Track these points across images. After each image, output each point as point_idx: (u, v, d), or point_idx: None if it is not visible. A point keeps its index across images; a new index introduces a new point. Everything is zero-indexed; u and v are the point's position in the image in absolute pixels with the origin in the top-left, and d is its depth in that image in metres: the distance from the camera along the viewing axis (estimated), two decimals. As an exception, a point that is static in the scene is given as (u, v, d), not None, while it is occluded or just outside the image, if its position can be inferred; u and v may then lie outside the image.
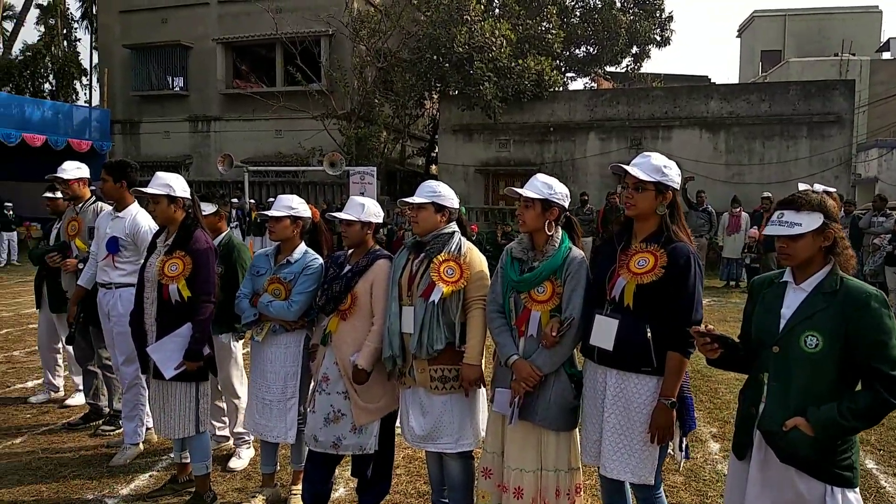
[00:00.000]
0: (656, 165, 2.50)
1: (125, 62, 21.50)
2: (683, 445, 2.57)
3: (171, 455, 4.03)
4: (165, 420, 3.37)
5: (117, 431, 4.48)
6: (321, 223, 3.69)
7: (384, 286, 3.10)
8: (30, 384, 5.75)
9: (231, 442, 4.22)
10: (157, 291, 3.32)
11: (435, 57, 16.55)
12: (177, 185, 3.39)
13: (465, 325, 2.95)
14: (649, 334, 2.45)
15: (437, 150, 20.63)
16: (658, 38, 20.29)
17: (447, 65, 16.24)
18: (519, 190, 2.79)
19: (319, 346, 3.26)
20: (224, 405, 4.21)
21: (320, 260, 3.46)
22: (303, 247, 3.47)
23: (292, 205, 3.43)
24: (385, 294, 3.08)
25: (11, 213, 16.10)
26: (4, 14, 27.83)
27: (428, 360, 2.92)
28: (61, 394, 5.34)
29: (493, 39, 15.90)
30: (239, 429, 4.05)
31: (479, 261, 3.02)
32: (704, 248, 12.08)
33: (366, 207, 3.20)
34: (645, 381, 2.49)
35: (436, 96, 19.64)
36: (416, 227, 3.04)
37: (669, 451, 2.55)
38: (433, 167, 21.65)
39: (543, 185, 2.77)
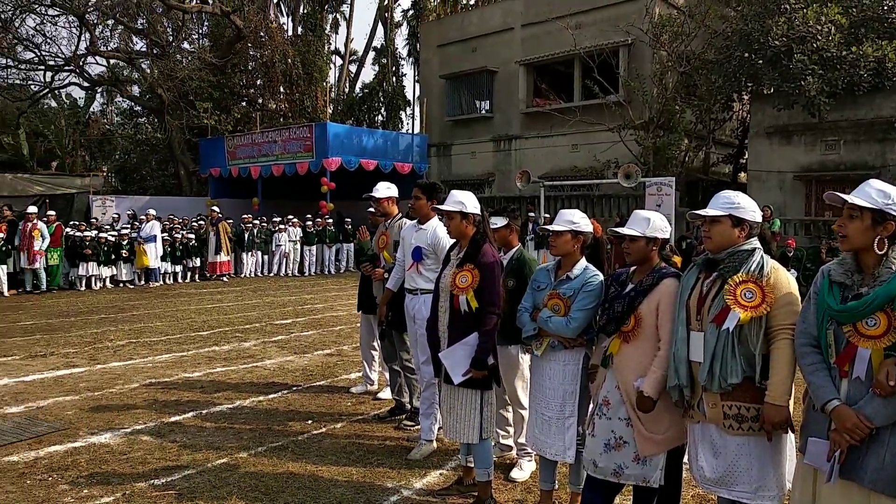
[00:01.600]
0: None
1: (441, 91, 23.91)
2: None
3: (459, 456, 4.24)
4: (452, 423, 3.55)
5: (416, 427, 4.90)
6: (603, 238, 3.55)
7: (671, 307, 2.83)
8: (352, 376, 6.63)
9: (514, 452, 4.30)
10: (449, 301, 3.53)
11: (746, 54, 15.08)
12: (469, 202, 3.57)
13: (768, 358, 2.54)
14: None
15: (746, 157, 18.78)
16: None
17: (760, 61, 14.66)
18: (844, 196, 2.30)
19: (599, 368, 3.11)
20: (509, 415, 4.31)
21: (601, 276, 3.31)
22: (583, 262, 3.37)
23: (573, 219, 3.36)
24: (672, 316, 2.81)
25: (350, 226, 19.03)
26: (350, 59, 33.11)
27: (720, 393, 2.58)
28: (375, 387, 6.05)
29: (819, 27, 13.89)
30: (522, 440, 4.10)
31: (786, 282, 2.57)
32: None
33: (651, 222, 2.97)
34: None
35: (746, 97, 17.91)
36: (709, 242, 2.71)
37: None
38: (741, 175, 19.76)
39: (878, 193, 2.24)
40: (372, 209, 5.76)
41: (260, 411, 5.43)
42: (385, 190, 4.98)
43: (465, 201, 3.55)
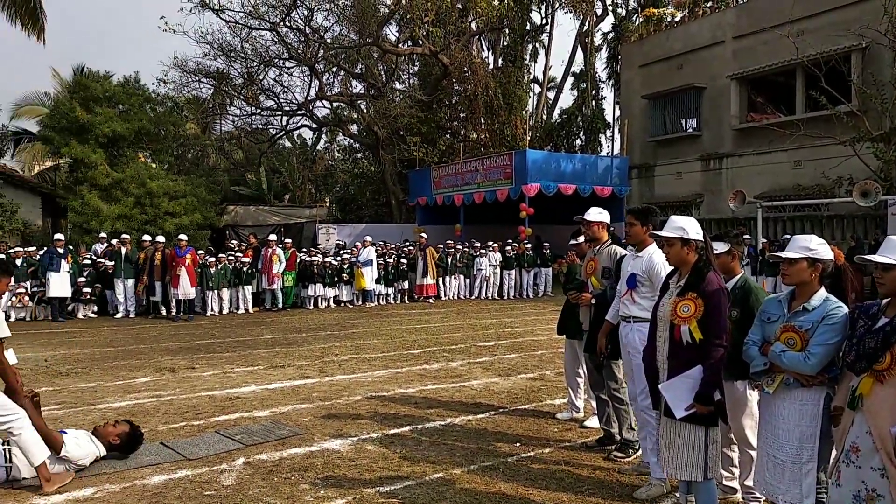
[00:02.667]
0: None
1: (643, 111, 23.22)
2: None
3: (677, 495, 4.04)
4: (671, 459, 3.40)
5: (627, 459, 4.76)
6: (846, 266, 3.20)
7: (939, 346, 2.47)
8: (557, 401, 6.62)
9: (739, 495, 3.99)
10: (669, 331, 3.40)
11: None
12: (690, 227, 3.44)
13: None
14: None
15: None
16: None
17: None
18: None
19: (846, 410, 2.80)
20: (734, 454, 4.02)
21: (845, 309, 2.99)
22: (822, 293, 3.06)
23: (810, 245, 3.08)
24: (941, 357, 2.45)
25: (549, 251, 19.09)
26: (549, 86, 33.44)
27: None
28: (581, 414, 5.98)
29: None
30: (749, 482, 3.80)
31: None
32: None
33: (911, 248, 2.63)
34: None
35: None
36: None
37: None
38: None
39: None
40: (573, 241, 5.75)
41: (470, 430, 5.63)
42: (597, 214, 4.96)
43: (685, 227, 3.42)
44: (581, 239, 5.59)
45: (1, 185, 18.63)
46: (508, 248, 18.75)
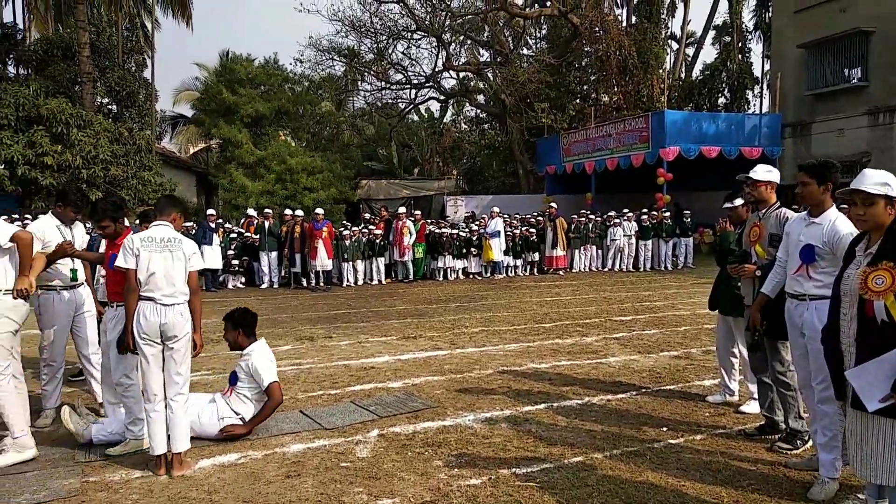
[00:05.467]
0: None
1: (797, 62, 20.98)
2: None
3: (861, 496, 3.48)
4: (863, 458, 2.88)
5: (795, 452, 4.20)
6: None
7: None
8: (707, 383, 6.06)
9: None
10: (858, 308, 2.86)
11: None
12: (894, 183, 2.85)
13: None
14: None
15: None
16: None
17: None
18: None
19: None
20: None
21: None
22: None
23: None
24: None
25: (689, 219, 17.88)
26: (688, 42, 31.18)
27: None
28: (736, 398, 5.41)
29: None
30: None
31: None
32: None
33: None
34: None
35: None
36: None
37: None
38: None
39: None
40: (729, 203, 5.13)
41: (609, 410, 5.27)
42: (765, 173, 4.34)
43: (890, 182, 2.84)
44: (738, 202, 4.98)
45: (161, 166, 20.31)
46: (644, 216, 17.75)
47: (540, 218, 17.99)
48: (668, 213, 18.11)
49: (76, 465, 4.22)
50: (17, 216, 13.74)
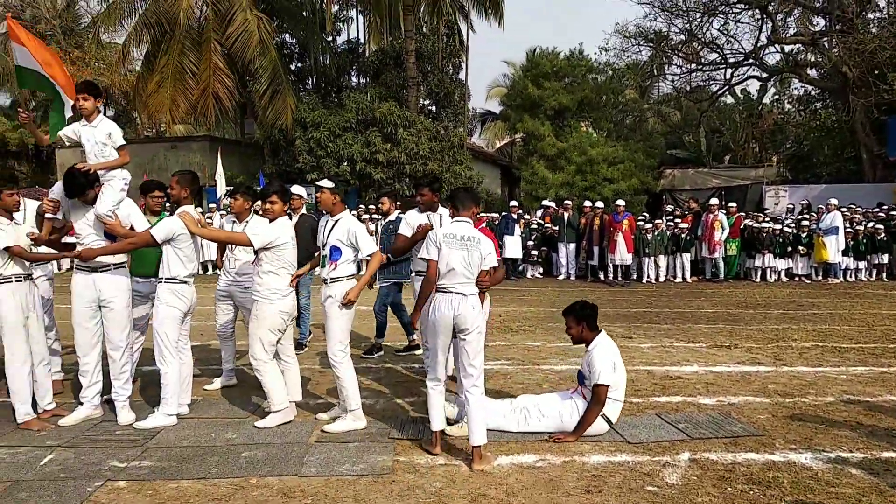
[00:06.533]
0: None
1: None
2: None
3: None
4: None
5: None
6: None
7: None
8: None
9: None
10: None
11: None
12: None
13: None
14: None
15: None
16: None
17: None
18: None
19: None
20: None
21: None
22: None
23: None
24: None
25: None
26: None
27: None
28: None
29: None
30: None
31: None
32: None
33: None
34: None
35: None
36: None
37: None
38: None
39: None
40: None
41: None
42: None
43: None
44: None
45: (471, 160, 21.68)
46: None
47: (893, 212, 14.83)
48: None
49: (390, 442, 4.47)
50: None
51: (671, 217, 15.20)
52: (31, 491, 3.71)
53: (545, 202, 17.87)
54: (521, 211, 16.33)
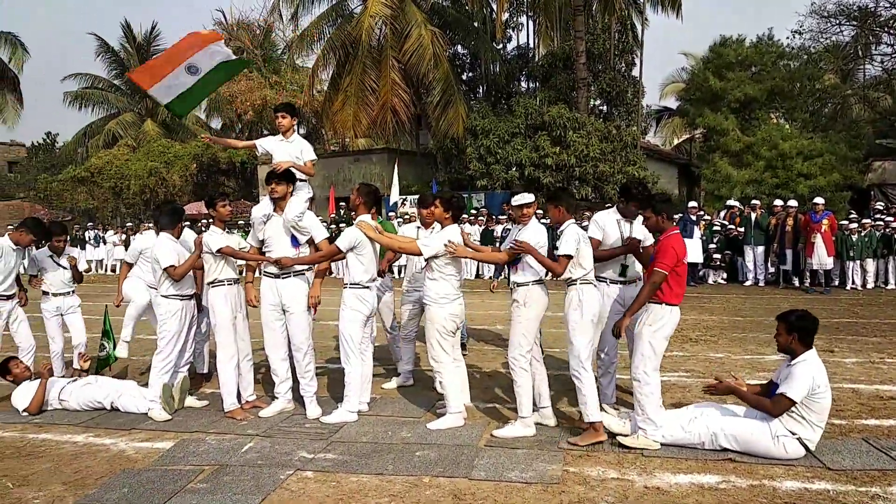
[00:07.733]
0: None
1: None
2: None
3: None
4: None
5: None
6: None
7: None
8: None
9: None
10: None
11: None
12: None
13: None
14: None
15: None
16: None
17: None
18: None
19: None
20: None
21: None
22: None
23: None
24: None
25: None
26: None
27: None
28: None
29: None
30: None
31: None
32: None
33: None
34: None
35: None
36: None
37: None
38: None
39: None
40: None
41: None
42: None
43: None
44: None
45: (644, 160, 20.76)
46: None
47: None
48: None
49: (559, 451, 4.41)
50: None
51: (881, 215, 13.40)
52: (233, 475, 4.15)
53: (729, 202, 16.62)
54: (700, 212, 15.35)
